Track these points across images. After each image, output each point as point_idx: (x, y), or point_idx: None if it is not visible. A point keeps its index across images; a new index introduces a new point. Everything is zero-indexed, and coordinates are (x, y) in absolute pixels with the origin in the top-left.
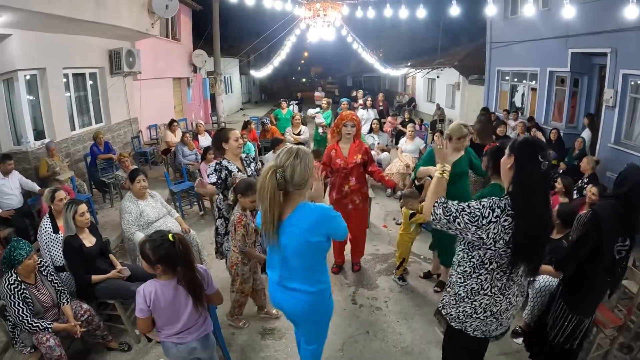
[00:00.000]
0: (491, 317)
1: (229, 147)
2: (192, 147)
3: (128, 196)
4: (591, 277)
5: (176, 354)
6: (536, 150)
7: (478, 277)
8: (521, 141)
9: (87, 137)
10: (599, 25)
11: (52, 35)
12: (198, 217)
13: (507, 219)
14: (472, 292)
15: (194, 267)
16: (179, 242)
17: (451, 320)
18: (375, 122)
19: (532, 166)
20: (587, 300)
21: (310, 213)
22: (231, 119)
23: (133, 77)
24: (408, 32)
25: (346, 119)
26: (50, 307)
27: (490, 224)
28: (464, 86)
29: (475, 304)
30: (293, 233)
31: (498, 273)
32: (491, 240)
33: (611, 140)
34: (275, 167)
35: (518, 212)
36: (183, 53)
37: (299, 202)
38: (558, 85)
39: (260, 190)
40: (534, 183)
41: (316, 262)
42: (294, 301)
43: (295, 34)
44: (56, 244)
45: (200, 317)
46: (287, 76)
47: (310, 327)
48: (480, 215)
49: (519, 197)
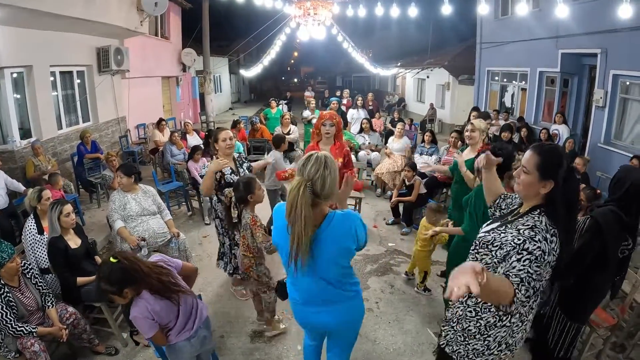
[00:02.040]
0: (506, 350)
1: (219, 147)
2: (180, 147)
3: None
4: (592, 283)
5: (190, 351)
6: (568, 162)
7: (498, 310)
8: (554, 162)
9: (74, 136)
10: (589, 26)
11: (39, 32)
12: (186, 218)
13: (552, 239)
14: (487, 327)
15: (151, 270)
16: (123, 258)
17: (459, 359)
18: (365, 122)
19: (572, 181)
20: (588, 307)
21: (343, 220)
22: (220, 119)
23: (121, 75)
24: (398, 32)
25: (325, 118)
26: (34, 310)
27: (549, 255)
28: (453, 86)
29: (489, 339)
30: (328, 243)
31: (534, 297)
32: (549, 268)
33: (601, 140)
34: (306, 181)
35: (564, 232)
36: (172, 51)
37: (327, 212)
38: (548, 85)
39: (291, 210)
40: (576, 199)
41: (348, 266)
42: (333, 314)
43: (286, 32)
44: (41, 245)
45: (190, 296)
46: (277, 76)
47: (349, 335)
48: (542, 253)
49: (563, 216)
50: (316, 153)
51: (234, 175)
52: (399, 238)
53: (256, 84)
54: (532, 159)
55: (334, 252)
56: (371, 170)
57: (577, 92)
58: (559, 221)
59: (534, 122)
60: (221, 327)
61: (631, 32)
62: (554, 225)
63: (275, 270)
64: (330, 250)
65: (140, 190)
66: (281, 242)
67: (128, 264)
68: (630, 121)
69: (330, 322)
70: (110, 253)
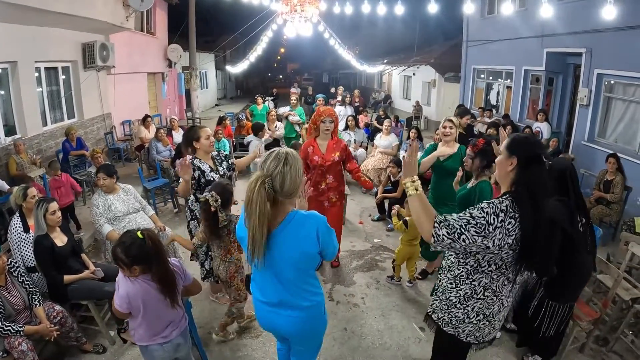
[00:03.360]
0: (484, 320)
1: (201, 145)
2: (166, 144)
3: (98, 190)
4: (573, 265)
5: (162, 355)
6: (539, 148)
7: (472, 282)
8: (521, 140)
9: (59, 133)
10: (574, 26)
11: (23, 28)
12: (172, 215)
13: (510, 221)
14: (465, 298)
15: (166, 262)
16: (148, 238)
17: (444, 325)
18: (350, 119)
19: (537, 166)
20: (574, 284)
21: (305, 221)
22: (206, 115)
23: (107, 71)
24: (385, 29)
25: (324, 114)
26: (21, 309)
27: (495, 230)
28: (439, 84)
29: (467, 309)
30: (287, 244)
31: (496, 274)
32: (497, 246)
33: (585, 138)
34: (264, 177)
35: (525, 215)
36: (158, 47)
37: (290, 211)
38: (533, 83)
39: (247, 204)
40: (540, 184)
41: (310, 274)
42: (289, 320)
43: (272, 29)
44: (27, 243)
45: (180, 310)
46: (263, 72)
47: (307, 345)
48: (486, 224)
49: (525, 200)
50: (278, 149)
51: (214, 173)
52: (385, 234)
53: (242, 80)
54: (505, 141)
55: (294, 255)
56: None
57: (562, 90)
58: (523, 206)
59: (518, 120)
60: (208, 324)
61: (615, 33)
62: (517, 210)
63: None
64: (289, 252)
65: (120, 190)
66: (244, 237)
67: (151, 245)
68: (614, 120)
69: (285, 326)
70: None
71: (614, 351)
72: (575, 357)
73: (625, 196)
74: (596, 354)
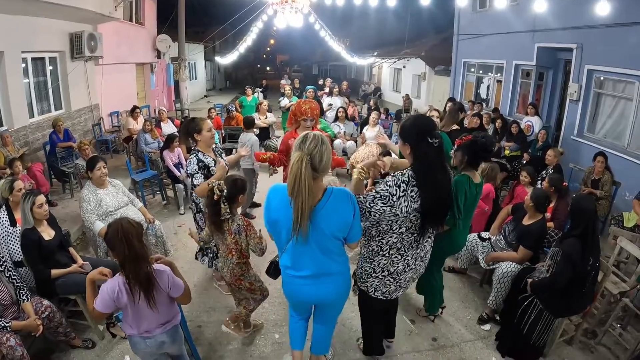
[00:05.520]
0: (389, 276)
1: (202, 138)
2: (155, 136)
3: (87, 185)
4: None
5: (144, 349)
6: (424, 133)
7: (380, 240)
8: (409, 129)
9: (46, 124)
10: (565, 21)
11: (9, 17)
12: (161, 207)
13: (413, 189)
14: (372, 253)
15: (141, 262)
16: (124, 224)
17: (357, 280)
18: (341, 111)
19: (425, 146)
20: (573, 309)
21: (342, 194)
22: (195, 106)
23: (94, 62)
24: (375, 22)
25: (305, 115)
26: (9, 305)
27: (400, 199)
28: (430, 77)
29: (374, 264)
30: (330, 216)
31: (406, 235)
32: (404, 213)
33: (574, 133)
34: (306, 155)
35: (423, 186)
36: (147, 38)
37: (325, 187)
38: (523, 78)
39: (294, 182)
40: (431, 159)
41: (334, 245)
42: (333, 286)
43: (262, 20)
44: (14, 237)
45: (166, 309)
46: (253, 63)
47: (338, 306)
48: (390, 195)
49: (422, 174)
50: (312, 132)
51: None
52: None
53: (232, 71)
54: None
55: (335, 225)
56: (347, 159)
57: (552, 85)
58: (419, 177)
59: (508, 114)
60: (198, 317)
61: (606, 29)
62: (416, 179)
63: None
64: (333, 223)
65: (109, 185)
66: (281, 218)
67: (120, 236)
68: (603, 115)
69: (323, 294)
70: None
71: (602, 344)
72: (564, 349)
73: (614, 191)
74: (585, 347)
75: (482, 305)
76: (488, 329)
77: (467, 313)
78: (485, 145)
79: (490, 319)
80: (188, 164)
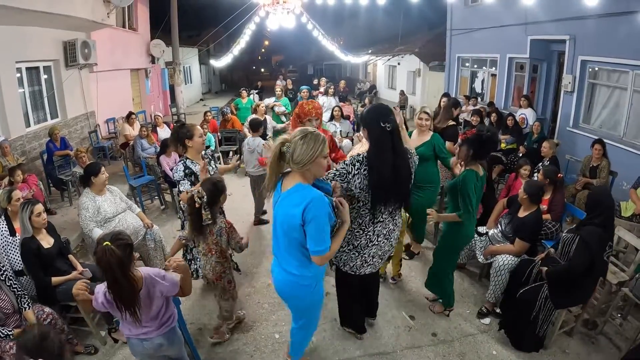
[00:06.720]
0: (354, 250)
1: (194, 144)
2: (151, 141)
3: (85, 192)
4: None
5: (142, 351)
6: (378, 118)
7: None
8: (366, 114)
9: (42, 133)
10: (558, 13)
11: (3, 28)
12: (159, 212)
13: (365, 168)
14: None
15: (122, 280)
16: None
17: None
18: (336, 110)
19: (378, 130)
20: (577, 300)
21: (304, 192)
22: (191, 110)
23: (89, 69)
24: (369, 20)
25: (310, 114)
26: (11, 313)
27: (354, 177)
28: (424, 73)
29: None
30: (283, 207)
31: (364, 210)
32: (358, 188)
33: (570, 125)
34: (285, 141)
35: (373, 165)
36: (140, 43)
37: (300, 182)
38: (517, 71)
39: (270, 156)
40: (382, 142)
41: (300, 250)
42: (279, 277)
43: (255, 21)
44: (14, 247)
45: (163, 312)
46: (248, 65)
47: (293, 306)
48: (346, 173)
49: (373, 154)
50: (309, 128)
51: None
52: None
53: (227, 74)
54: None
55: (284, 219)
56: None
57: (546, 77)
58: (369, 156)
59: (503, 107)
60: (199, 320)
61: (599, 19)
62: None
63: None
64: (282, 214)
65: (107, 191)
66: None
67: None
68: (598, 106)
69: (278, 285)
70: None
71: (602, 334)
72: (565, 340)
73: (611, 181)
74: (585, 338)
75: (481, 299)
76: (488, 323)
77: (467, 307)
78: (490, 139)
79: (489, 313)
80: (175, 171)
